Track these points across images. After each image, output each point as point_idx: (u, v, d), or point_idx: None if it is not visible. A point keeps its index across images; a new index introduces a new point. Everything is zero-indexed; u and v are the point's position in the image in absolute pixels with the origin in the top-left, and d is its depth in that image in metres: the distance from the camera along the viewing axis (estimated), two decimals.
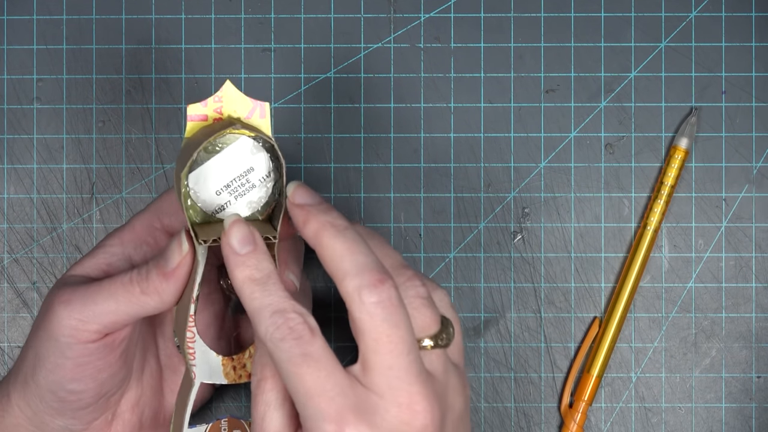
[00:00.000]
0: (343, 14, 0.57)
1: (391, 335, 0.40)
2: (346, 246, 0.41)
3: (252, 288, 0.40)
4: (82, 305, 0.42)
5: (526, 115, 0.57)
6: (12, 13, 0.58)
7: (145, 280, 0.42)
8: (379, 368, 0.40)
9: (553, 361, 0.57)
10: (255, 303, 0.40)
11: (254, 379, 0.41)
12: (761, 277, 0.57)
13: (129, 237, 0.46)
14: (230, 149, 0.42)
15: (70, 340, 0.42)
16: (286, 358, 0.39)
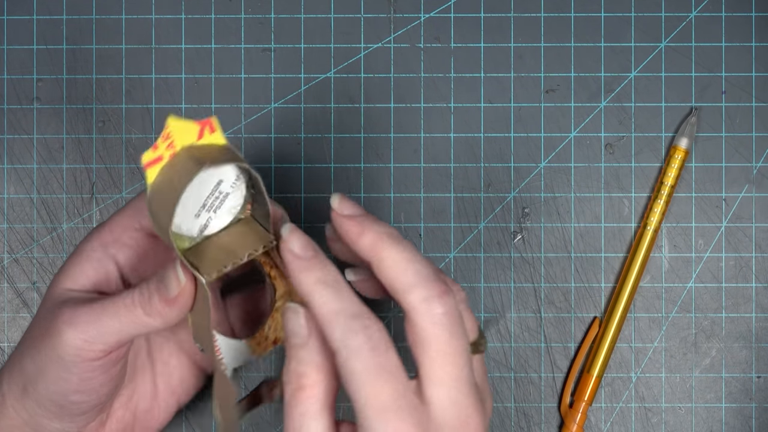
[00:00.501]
0: (343, 14, 0.57)
1: (456, 347, 0.39)
2: (406, 256, 0.40)
3: (323, 291, 0.40)
4: (86, 326, 0.42)
5: (526, 115, 0.57)
6: (12, 13, 0.58)
7: (148, 303, 0.42)
8: (443, 381, 0.39)
9: (553, 361, 0.57)
10: (328, 307, 0.39)
11: (288, 388, 0.40)
12: (761, 277, 0.57)
13: (110, 239, 0.45)
14: (196, 177, 0.42)
15: (76, 359, 0.42)
16: (361, 368, 0.38)
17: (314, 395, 0.40)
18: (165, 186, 0.40)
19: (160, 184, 0.40)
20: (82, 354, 0.42)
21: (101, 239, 0.45)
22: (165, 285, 0.42)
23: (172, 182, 0.40)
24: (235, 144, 0.57)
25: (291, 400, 0.40)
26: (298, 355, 0.40)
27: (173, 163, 0.41)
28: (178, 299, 0.42)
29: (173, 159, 0.41)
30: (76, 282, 0.45)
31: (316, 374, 0.40)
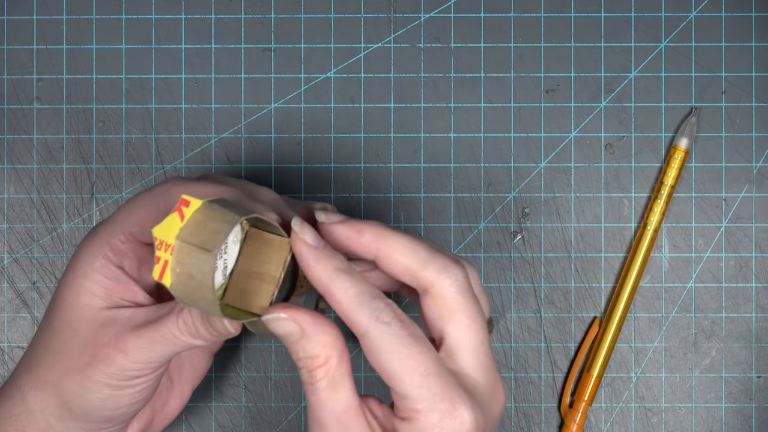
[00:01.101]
0: (343, 14, 0.57)
1: (478, 313, 0.42)
2: (411, 239, 0.42)
3: (343, 278, 0.41)
4: (137, 352, 0.43)
5: (526, 115, 0.57)
6: (12, 13, 0.58)
7: (195, 333, 0.43)
8: (473, 347, 0.41)
9: (553, 361, 0.57)
10: (351, 291, 0.41)
11: (304, 373, 0.41)
12: (761, 277, 0.57)
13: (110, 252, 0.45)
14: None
15: (130, 381, 0.44)
16: (397, 340, 0.40)
17: (331, 366, 0.41)
18: (187, 283, 0.40)
19: (182, 283, 0.40)
20: (137, 375, 0.44)
21: (103, 255, 0.45)
22: (212, 326, 0.43)
23: (193, 278, 0.40)
24: (235, 144, 0.57)
25: (311, 379, 0.41)
26: (302, 346, 0.41)
27: (178, 260, 0.40)
28: (227, 336, 0.43)
29: (175, 255, 0.40)
30: (100, 299, 0.45)
31: (325, 350, 0.41)
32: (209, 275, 0.39)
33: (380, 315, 0.40)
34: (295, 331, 0.41)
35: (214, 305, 0.40)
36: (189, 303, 0.41)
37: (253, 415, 0.57)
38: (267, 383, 0.57)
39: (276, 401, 0.57)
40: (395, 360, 0.40)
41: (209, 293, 0.39)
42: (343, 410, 0.41)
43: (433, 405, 0.40)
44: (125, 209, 0.45)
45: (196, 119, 0.57)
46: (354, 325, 0.41)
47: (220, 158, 0.57)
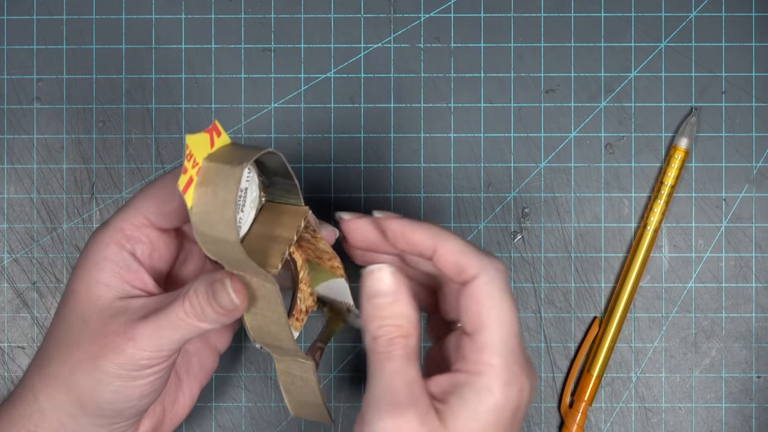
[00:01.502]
0: (343, 14, 0.57)
1: (515, 302, 0.45)
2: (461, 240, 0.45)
3: (447, 232, 0.44)
4: (146, 341, 0.43)
5: (526, 115, 0.57)
6: (12, 13, 0.58)
7: (201, 314, 0.43)
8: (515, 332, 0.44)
9: (553, 361, 0.57)
10: (461, 240, 0.44)
11: (384, 339, 0.42)
12: (761, 277, 0.57)
13: (123, 238, 0.45)
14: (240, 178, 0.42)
15: (141, 370, 0.44)
16: (505, 290, 0.42)
17: (412, 343, 0.42)
18: (210, 201, 0.40)
19: (203, 202, 0.40)
20: (147, 364, 0.43)
21: (116, 241, 0.45)
22: (217, 302, 0.43)
23: (217, 195, 0.40)
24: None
25: (389, 347, 0.42)
26: (391, 311, 0.43)
27: (204, 178, 0.40)
28: (233, 312, 0.43)
29: (201, 175, 0.41)
30: (112, 288, 0.45)
31: (410, 325, 0.42)
32: (233, 191, 0.39)
33: (493, 260, 0.43)
34: (392, 292, 0.43)
35: (232, 226, 0.39)
36: (207, 229, 0.40)
37: (253, 415, 0.57)
38: (267, 383, 0.57)
39: (276, 401, 0.57)
40: (495, 307, 0.42)
41: (230, 211, 0.39)
42: (414, 380, 0.42)
43: (507, 364, 0.41)
44: (141, 194, 0.46)
45: (196, 119, 0.57)
46: (466, 269, 0.43)
47: None
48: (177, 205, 0.45)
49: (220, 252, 0.41)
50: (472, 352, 0.42)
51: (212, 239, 0.41)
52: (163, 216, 0.45)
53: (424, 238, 0.44)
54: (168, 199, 0.45)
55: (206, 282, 0.43)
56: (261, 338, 0.45)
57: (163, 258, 0.47)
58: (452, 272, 0.43)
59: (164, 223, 0.46)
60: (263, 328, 0.44)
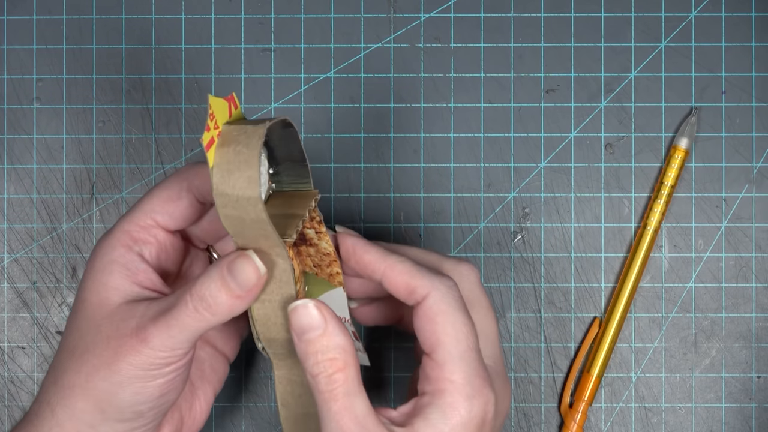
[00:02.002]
0: (343, 14, 0.57)
1: (491, 303, 0.47)
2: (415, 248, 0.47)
3: (394, 255, 0.44)
4: (159, 341, 0.43)
5: (526, 115, 0.57)
6: (12, 13, 0.58)
7: (214, 305, 0.42)
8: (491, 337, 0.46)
9: (553, 361, 0.57)
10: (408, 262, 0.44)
11: (322, 377, 0.42)
12: (761, 277, 0.57)
13: (130, 240, 0.45)
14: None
15: (159, 370, 0.43)
16: (456, 306, 0.43)
17: (351, 375, 0.42)
18: (231, 160, 0.40)
19: (226, 161, 0.40)
20: (163, 363, 0.43)
21: (123, 243, 0.45)
22: (240, 278, 0.42)
23: (239, 153, 0.40)
24: None
25: (331, 385, 0.41)
26: (323, 345, 0.42)
27: (226, 139, 0.41)
28: (252, 290, 0.42)
29: (223, 137, 0.41)
30: (121, 291, 0.44)
31: (345, 355, 0.42)
32: (257, 148, 0.40)
33: (442, 279, 0.43)
34: (320, 325, 0.42)
35: (255, 183, 0.40)
36: (228, 189, 0.40)
37: (253, 415, 0.57)
38: (267, 383, 0.57)
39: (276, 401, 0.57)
40: (449, 323, 0.42)
41: (253, 168, 0.40)
42: (364, 415, 0.41)
43: (468, 379, 0.41)
44: (146, 196, 0.46)
45: (197, 119, 0.57)
46: (417, 289, 0.42)
47: None
48: (184, 204, 0.45)
49: (239, 217, 0.41)
50: (432, 371, 0.42)
51: (233, 200, 0.40)
52: (170, 216, 0.45)
53: (373, 260, 0.44)
54: (174, 198, 0.45)
55: (218, 267, 0.42)
56: (266, 331, 0.44)
57: (170, 259, 0.47)
58: (403, 294, 0.43)
59: (171, 224, 0.46)
60: (270, 317, 0.44)
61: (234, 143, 0.40)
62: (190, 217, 0.46)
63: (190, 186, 0.46)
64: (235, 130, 0.41)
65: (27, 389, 0.57)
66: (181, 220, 0.46)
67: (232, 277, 0.42)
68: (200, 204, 0.46)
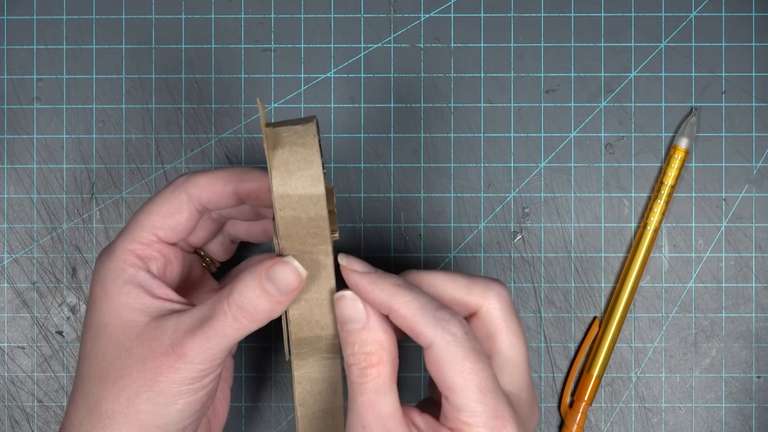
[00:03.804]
0: (343, 14, 0.57)
1: (522, 329, 0.46)
2: (445, 272, 0.45)
3: (404, 292, 0.42)
4: (198, 355, 0.43)
5: (526, 115, 0.57)
6: (12, 13, 0.58)
7: (253, 311, 0.42)
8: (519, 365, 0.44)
9: (553, 361, 0.57)
10: (414, 303, 0.42)
11: (355, 369, 0.42)
12: (761, 277, 0.57)
13: (139, 256, 0.45)
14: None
15: (200, 382, 0.43)
16: (463, 353, 0.41)
17: (384, 371, 0.42)
18: (290, 160, 0.40)
19: (284, 162, 0.40)
20: (203, 375, 0.43)
21: (130, 263, 0.45)
22: (278, 286, 0.42)
23: (297, 153, 0.40)
24: (235, 144, 0.57)
25: (362, 378, 0.42)
26: (361, 338, 0.42)
27: (277, 142, 0.41)
28: (292, 293, 0.43)
29: (272, 139, 0.41)
30: (144, 310, 0.44)
31: (382, 352, 0.42)
32: (314, 145, 0.40)
33: (446, 326, 0.41)
34: (361, 319, 0.42)
35: (319, 179, 0.40)
36: (289, 190, 0.40)
37: (253, 415, 0.57)
38: (267, 383, 0.57)
39: (276, 401, 0.57)
40: (458, 373, 0.41)
41: (315, 165, 0.40)
42: (388, 415, 0.41)
43: (486, 421, 0.41)
44: (142, 211, 0.46)
45: (196, 119, 0.57)
46: (420, 336, 0.41)
47: (220, 158, 0.57)
48: (185, 216, 0.46)
49: (296, 217, 0.41)
50: (449, 412, 0.41)
51: (294, 200, 0.41)
52: (172, 230, 0.45)
53: (378, 299, 0.43)
54: (175, 212, 0.45)
55: (256, 274, 0.42)
56: (299, 331, 0.44)
57: (174, 269, 0.47)
58: (410, 335, 0.43)
59: (173, 237, 0.46)
60: (305, 316, 0.44)
61: (288, 144, 0.40)
62: (190, 228, 0.46)
63: (190, 198, 0.46)
64: (284, 131, 0.41)
65: (27, 389, 0.57)
66: (183, 232, 0.46)
67: (272, 284, 0.42)
68: (199, 213, 0.46)
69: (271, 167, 0.40)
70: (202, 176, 0.46)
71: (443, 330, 0.41)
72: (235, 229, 0.50)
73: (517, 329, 0.45)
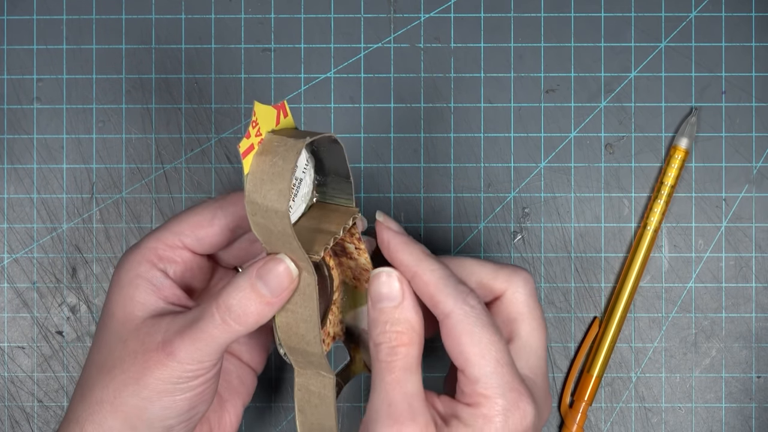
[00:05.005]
0: (343, 14, 0.57)
1: (543, 317, 0.46)
2: (474, 258, 0.46)
3: (430, 260, 0.43)
4: (186, 354, 0.42)
5: (526, 115, 0.57)
6: (12, 13, 0.58)
7: (243, 314, 0.42)
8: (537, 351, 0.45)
9: (553, 361, 0.57)
10: (438, 272, 0.43)
11: (384, 347, 0.42)
12: (761, 277, 0.57)
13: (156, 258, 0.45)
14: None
15: (187, 383, 0.43)
16: (480, 324, 0.42)
17: (413, 352, 0.42)
18: (266, 170, 0.40)
19: (261, 171, 0.40)
20: (191, 376, 0.43)
21: (148, 259, 0.45)
22: (269, 285, 0.42)
23: (275, 165, 0.40)
24: (235, 144, 0.57)
25: (390, 357, 0.42)
26: (393, 316, 0.42)
27: (265, 148, 0.41)
28: (282, 294, 0.42)
29: (263, 145, 0.41)
30: (147, 306, 0.44)
31: (413, 332, 0.42)
32: (292, 161, 0.40)
33: (466, 297, 0.42)
34: (397, 297, 0.42)
35: (285, 196, 0.39)
36: (258, 198, 0.40)
37: (253, 415, 0.57)
38: (267, 383, 0.57)
39: (276, 401, 0.57)
40: (475, 343, 0.41)
41: (285, 181, 0.39)
42: (413, 394, 0.42)
43: (502, 392, 0.41)
44: (177, 218, 0.46)
45: (196, 119, 0.57)
46: (439, 305, 0.42)
47: (220, 158, 0.57)
48: (214, 231, 0.45)
49: (267, 227, 0.41)
50: (466, 386, 0.42)
51: (262, 209, 0.40)
52: (198, 241, 0.45)
53: (405, 261, 0.43)
54: (204, 225, 0.45)
55: (246, 275, 0.42)
56: (288, 339, 0.44)
57: (196, 277, 0.47)
58: (429, 303, 0.43)
59: (198, 248, 0.46)
60: (292, 327, 0.44)
61: (272, 154, 0.40)
62: (219, 243, 0.46)
63: (224, 213, 0.46)
64: (276, 140, 0.41)
65: (27, 389, 0.57)
66: (209, 246, 0.46)
67: (263, 282, 0.42)
68: (231, 232, 0.46)
69: (247, 171, 0.40)
70: (240, 196, 0.46)
71: (463, 301, 0.42)
72: None
73: (539, 316, 0.45)
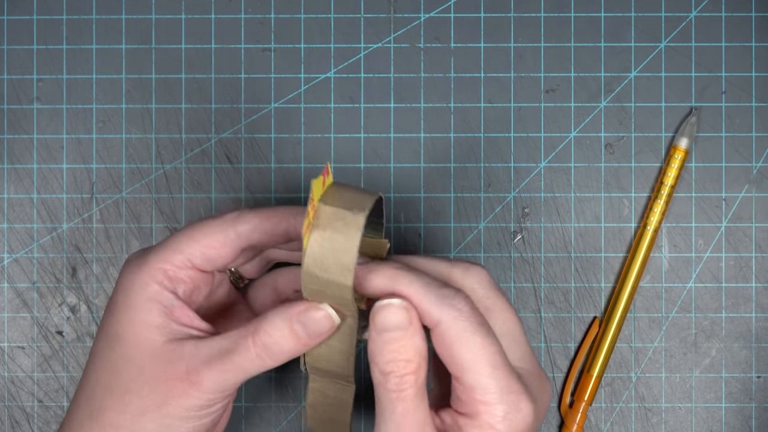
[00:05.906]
0: (343, 14, 0.57)
1: (509, 302, 0.46)
2: (424, 257, 0.46)
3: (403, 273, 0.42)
4: (212, 384, 0.42)
5: (526, 115, 0.57)
6: (12, 13, 0.58)
7: (279, 352, 0.42)
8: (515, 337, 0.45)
9: (553, 361, 0.57)
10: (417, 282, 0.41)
11: (393, 377, 0.41)
12: (761, 277, 0.57)
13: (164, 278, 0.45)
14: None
15: (207, 409, 0.43)
16: (471, 328, 0.41)
17: (421, 377, 0.41)
18: (326, 246, 0.40)
19: (319, 245, 0.40)
20: (212, 403, 0.43)
21: (157, 281, 0.45)
22: (308, 330, 0.42)
23: (335, 240, 0.39)
24: (235, 144, 0.57)
25: (401, 386, 0.41)
26: (401, 345, 0.41)
27: (321, 221, 0.40)
28: (321, 337, 0.42)
29: (318, 217, 0.40)
30: (162, 330, 0.44)
31: (420, 358, 0.41)
32: (355, 239, 0.39)
33: (452, 302, 0.41)
34: (405, 326, 0.41)
35: (350, 272, 0.39)
36: (318, 272, 0.40)
37: (253, 415, 0.57)
38: (267, 383, 0.57)
39: (276, 401, 0.57)
40: (467, 350, 0.40)
41: (350, 257, 0.39)
42: (424, 419, 0.41)
43: (501, 397, 0.40)
44: (185, 234, 0.45)
45: (196, 119, 0.57)
46: (426, 315, 0.41)
47: (220, 158, 0.57)
48: (227, 252, 0.45)
49: (322, 292, 0.41)
50: (463, 394, 0.41)
51: (322, 281, 0.40)
52: (209, 261, 0.45)
53: (381, 286, 0.42)
54: (216, 246, 0.45)
55: (285, 317, 0.42)
56: (313, 362, 0.44)
57: (201, 294, 0.47)
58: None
59: (208, 267, 0.45)
60: (324, 356, 0.44)
61: (330, 229, 0.40)
62: (229, 263, 0.46)
63: (237, 234, 0.45)
64: (331, 213, 0.40)
65: (27, 389, 0.57)
66: (219, 266, 0.46)
67: (302, 327, 0.42)
68: (242, 251, 0.46)
69: (305, 245, 0.40)
70: (253, 215, 0.45)
71: (449, 306, 0.41)
72: (276, 253, 0.50)
73: (504, 304, 0.44)
